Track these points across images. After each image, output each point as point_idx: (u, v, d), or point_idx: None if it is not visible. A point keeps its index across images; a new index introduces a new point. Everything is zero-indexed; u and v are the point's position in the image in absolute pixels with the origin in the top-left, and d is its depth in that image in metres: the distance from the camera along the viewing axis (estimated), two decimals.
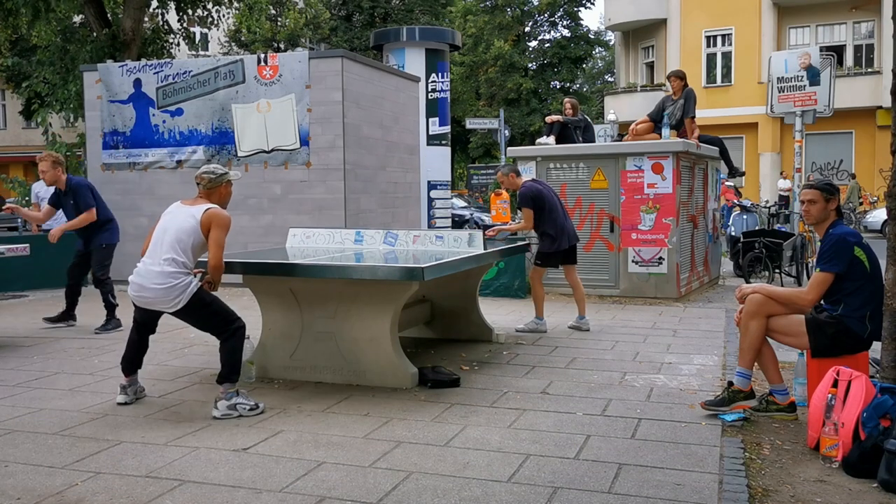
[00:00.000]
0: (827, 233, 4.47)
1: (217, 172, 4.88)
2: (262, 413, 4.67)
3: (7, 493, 3.51)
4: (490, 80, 37.58)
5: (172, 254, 4.64)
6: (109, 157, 11.36)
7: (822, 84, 11.44)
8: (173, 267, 4.63)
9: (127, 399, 4.95)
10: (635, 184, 9.35)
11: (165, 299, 4.64)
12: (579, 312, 7.56)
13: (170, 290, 4.62)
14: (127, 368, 5.01)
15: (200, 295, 4.72)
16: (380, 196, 11.30)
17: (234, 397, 4.66)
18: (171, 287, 4.61)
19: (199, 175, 4.89)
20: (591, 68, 49.98)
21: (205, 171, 4.91)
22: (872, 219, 20.61)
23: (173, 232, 4.69)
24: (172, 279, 4.62)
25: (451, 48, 16.40)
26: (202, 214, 4.71)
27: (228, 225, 4.77)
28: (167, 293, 4.62)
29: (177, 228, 4.70)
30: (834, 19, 27.17)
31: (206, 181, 4.86)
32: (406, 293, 5.33)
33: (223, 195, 4.94)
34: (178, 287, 4.63)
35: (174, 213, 4.81)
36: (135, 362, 5.03)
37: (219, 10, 17.58)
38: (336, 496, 3.44)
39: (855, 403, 3.82)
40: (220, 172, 4.88)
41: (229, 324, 4.76)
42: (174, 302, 4.64)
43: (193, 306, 4.69)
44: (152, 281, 4.64)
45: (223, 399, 4.64)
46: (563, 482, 3.57)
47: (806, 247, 11.12)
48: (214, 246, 4.72)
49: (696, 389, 5.20)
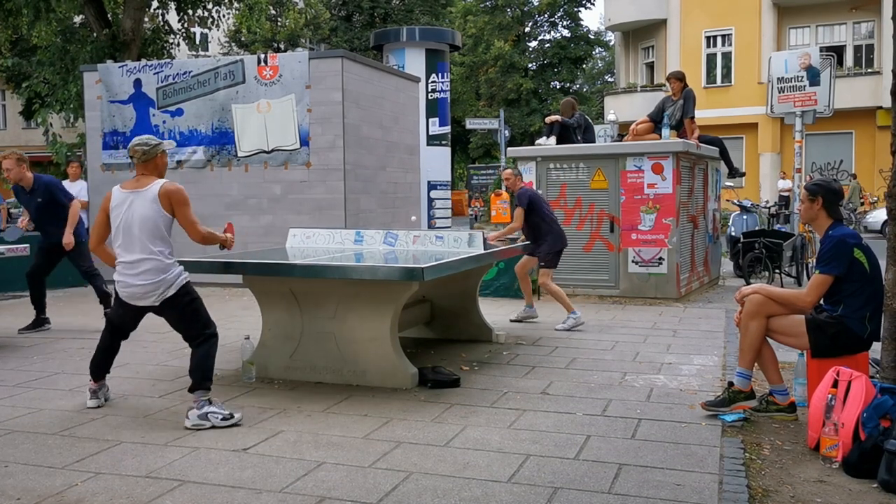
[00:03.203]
0: (826, 234, 4.47)
1: (150, 143, 4.70)
2: (236, 424, 4.46)
3: (7, 493, 3.51)
4: (490, 80, 37.61)
5: (152, 247, 4.55)
6: (109, 158, 11.37)
7: (822, 84, 11.44)
8: (159, 259, 4.56)
9: (98, 403, 4.87)
10: (635, 184, 9.35)
11: (156, 292, 4.57)
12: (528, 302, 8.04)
13: (159, 284, 4.56)
14: (95, 373, 4.90)
15: (188, 289, 4.67)
16: (380, 196, 11.31)
17: (205, 406, 4.48)
18: (160, 281, 4.56)
19: (131, 148, 4.71)
20: (591, 68, 50.00)
21: (137, 143, 4.71)
22: (872, 219, 20.60)
23: (139, 224, 4.56)
24: (161, 273, 4.57)
25: (451, 48, 16.43)
26: (158, 195, 4.58)
27: (187, 198, 4.67)
28: (157, 286, 4.57)
29: (142, 219, 4.56)
30: (834, 19, 27.16)
31: (139, 154, 4.66)
32: (406, 293, 5.33)
33: (160, 165, 4.76)
34: (167, 280, 4.58)
35: (128, 204, 4.60)
36: (103, 367, 4.92)
37: (219, 11, 17.58)
38: (336, 496, 3.44)
39: (855, 404, 3.82)
40: (153, 143, 4.71)
41: (205, 328, 4.68)
42: (163, 293, 4.58)
43: (181, 299, 4.63)
44: (140, 277, 4.56)
45: (195, 408, 4.47)
46: (563, 482, 3.57)
47: (806, 247, 11.13)
48: (188, 225, 4.68)
49: (696, 390, 5.20)
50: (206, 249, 10.55)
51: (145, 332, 7.45)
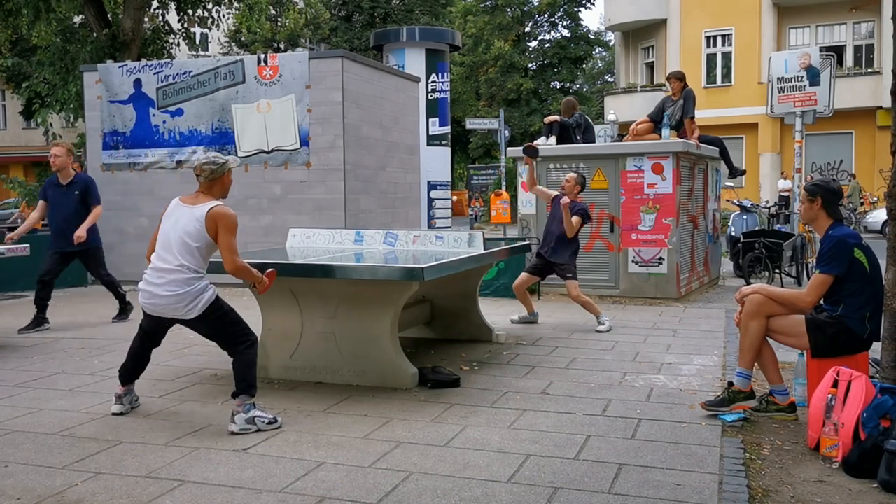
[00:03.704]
0: (826, 234, 4.47)
1: (217, 163, 4.61)
2: (279, 427, 4.43)
3: (7, 493, 3.51)
4: (490, 80, 37.61)
5: (182, 260, 4.42)
6: (109, 158, 11.36)
7: (822, 84, 11.43)
8: (185, 273, 4.42)
9: (122, 409, 4.76)
10: (635, 184, 9.35)
11: (178, 306, 4.43)
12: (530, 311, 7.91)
13: (182, 297, 4.41)
14: (124, 377, 4.82)
15: (217, 305, 4.51)
16: (380, 196, 11.31)
17: (251, 410, 4.41)
18: (184, 294, 4.41)
19: (198, 166, 4.60)
20: (591, 68, 50.01)
21: (205, 161, 4.62)
22: (872, 219, 20.59)
23: (179, 237, 4.45)
24: (185, 286, 4.41)
25: (451, 48, 16.41)
26: (206, 216, 4.45)
27: (235, 225, 4.51)
28: (180, 300, 4.41)
29: (182, 232, 4.45)
30: (834, 19, 27.16)
31: (206, 173, 4.58)
32: (406, 293, 5.33)
33: (226, 184, 4.69)
34: (191, 293, 4.42)
35: (177, 216, 4.54)
36: (133, 373, 4.84)
37: (219, 11, 17.57)
38: (336, 496, 3.44)
39: (855, 404, 3.82)
40: (220, 163, 4.62)
41: (240, 341, 4.55)
42: (187, 309, 4.43)
43: (208, 316, 4.48)
44: (164, 288, 4.43)
45: (241, 412, 4.39)
46: (563, 482, 3.57)
47: (806, 247, 11.13)
48: (225, 252, 4.46)
49: (696, 390, 5.20)
50: None
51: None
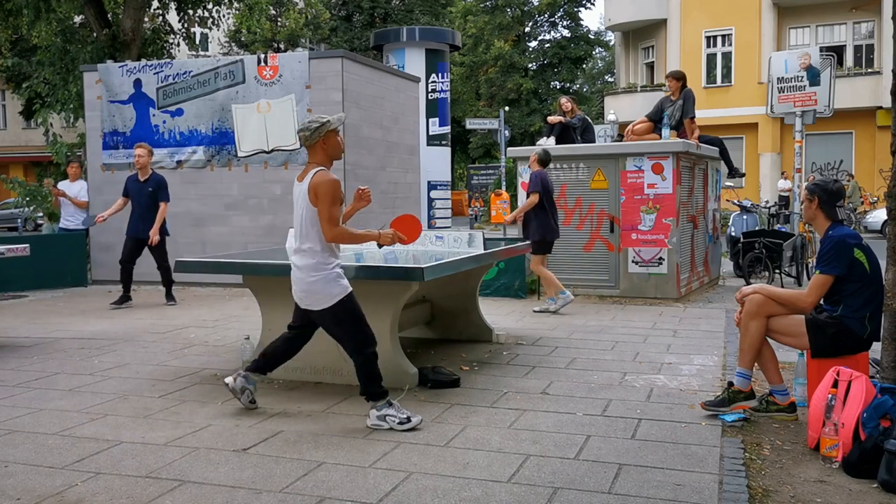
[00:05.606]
0: (826, 234, 4.47)
1: (311, 128, 4.28)
2: (414, 429, 4.31)
3: (7, 493, 3.51)
4: (490, 80, 37.63)
5: (308, 242, 4.27)
6: (109, 158, 11.37)
7: (822, 84, 11.44)
8: (312, 258, 4.26)
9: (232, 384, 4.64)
10: (635, 184, 9.35)
11: (307, 291, 4.31)
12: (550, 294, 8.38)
13: (312, 285, 4.29)
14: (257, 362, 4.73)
15: (346, 305, 4.33)
16: (380, 196, 11.30)
17: (384, 408, 4.38)
18: (313, 282, 4.28)
19: (298, 133, 4.40)
20: (591, 68, 50.04)
21: (301, 127, 4.34)
22: (872, 219, 20.59)
23: (299, 216, 4.29)
24: (314, 273, 4.27)
25: (451, 48, 16.43)
26: (308, 185, 4.22)
27: (334, 192, 4.19)
28: (310, 287, 4.29)
29: (300, 211, 4.27)
30: (834, 19, 27.17)
31: (303, 139, 4.31)
32: (406, 293, 5.33)
33: (329, 147, 4.34)
34: (319, 282, 4.27)
35: (295, 197, 4.34)
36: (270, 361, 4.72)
37: (219, 11, 17.57)
38: (336, 496, 3.44)
39: (855, 404, 3.82)
40: (315, 126, 4.27)
41: (362, 348, 4.39)
42: (315, 298, 4.29)
43: (336, 313, 4.32)
44: (296, 275, 4.36)
45: (374, 409, 4.39)
46: (563, 482, 3.57)
47: (806, 247, 11.13)
48: (323, 222, 4.20)
49: (696, 390, 5.20)
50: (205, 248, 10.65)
51: (145, 333, 7.47)
